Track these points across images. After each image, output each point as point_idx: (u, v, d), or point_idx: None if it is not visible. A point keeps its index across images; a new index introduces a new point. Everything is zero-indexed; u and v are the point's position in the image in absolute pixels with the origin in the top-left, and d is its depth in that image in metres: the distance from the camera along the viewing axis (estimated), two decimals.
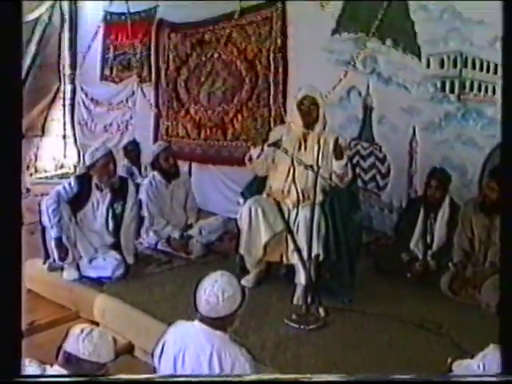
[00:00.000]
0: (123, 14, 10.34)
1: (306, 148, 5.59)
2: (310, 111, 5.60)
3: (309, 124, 5.62)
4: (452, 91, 6.64)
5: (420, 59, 6.84)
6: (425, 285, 5.79)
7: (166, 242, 6.86)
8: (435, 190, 6.03)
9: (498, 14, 5.82)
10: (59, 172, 11.68)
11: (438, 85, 6.73)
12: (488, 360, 3.17)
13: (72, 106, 11.66)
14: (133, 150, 8.72)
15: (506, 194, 3.23)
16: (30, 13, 10.59)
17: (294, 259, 5.42)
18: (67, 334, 3.32)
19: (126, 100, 10.35)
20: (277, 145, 5.40)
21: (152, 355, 3.75)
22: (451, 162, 6.53)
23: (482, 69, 6.40)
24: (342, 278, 5.51)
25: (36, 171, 11.53)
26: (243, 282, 5.49)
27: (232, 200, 7.68)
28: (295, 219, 5.46)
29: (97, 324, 5.37)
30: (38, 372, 3.26)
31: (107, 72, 10.84)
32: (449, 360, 3.55)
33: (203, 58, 9.02)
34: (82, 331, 3.26)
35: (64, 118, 11.80)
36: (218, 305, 3.47)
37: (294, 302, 5.44)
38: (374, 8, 7.13)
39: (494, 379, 3.13)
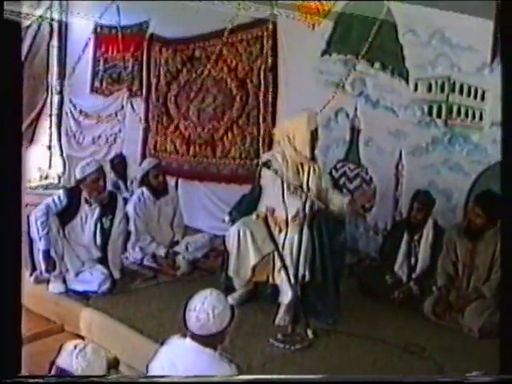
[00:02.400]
0: (114, 27, 10.33)
1: (302, 172, 5.60)
2: (315, 141, 5.65)
3: (313, 153, 5.65)
4: (439, 116, 6.70)
5: (408, 83, 6.89)
6: (409, 308, 5.82)
7: (151, 258, 6.88)
8: (418, 213, 6.09)
9: (486, 41, 5.99)
10: (44, 182, 11.61)
11: (425, 109, 6.79)
12: None
13: (59, 116, 11.62)
14: (119, 164, 8.71)
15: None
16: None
17: (279, 280, 5.47)
18: (60, 349, 3.34)
19: (116, 113, 10.31)
20: (266, 165, 5.44)
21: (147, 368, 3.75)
22: (437, 187, 6.59)
23: (469, 94, 6.47)
24: (327, 298, 5.53)
25: None
26: (229, 299, 5.52)
27: (218, 217, 7.74)
28: (284, 240, 5.47)
29: (82, 338, 5.39)
30: None
31: (97, 84, 10.81)
32: None
33: (193, 75, 9.04)
34: (75, 347, 3.27)
35: (50, 128, 11.75)
36: (209, 322, 3.50)
37: (276, 322, 5.47)
38: (363, 30, 7.18)
39: (494, 379, 3.17)
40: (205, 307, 3.51)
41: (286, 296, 5.41)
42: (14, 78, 3.23)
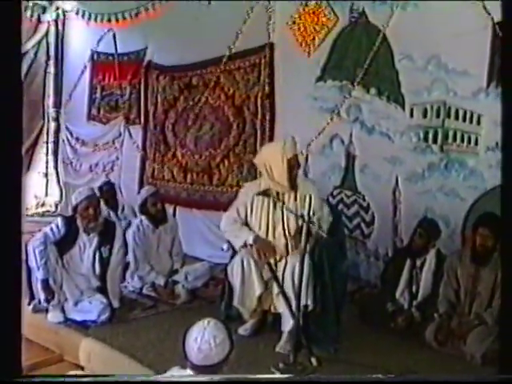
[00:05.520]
0: (111, 54, 10.41)
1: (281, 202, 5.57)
2: (294, 169, 5.58)
3: (292, 182, 5.58)
4: (435, 141, 6.71)
5: (404, 109, 6.91)
6: (410, 335, 5.76)
7: (150, 286, 6.85)
8: (420, 239, 6.06)
9: (482, 65, 6.02)
10: (40, 210, 11.61)
11: (421, 135, 6.79)
12: None
13: (55, 144, 11.69)
14: (108, 191, 8.53)
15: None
16: None
17: (281, 308, 5.45)
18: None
19: (113, 141, 10.35)
20: (265, 194, 5.47)
21: None
22: (434, 213, 6.57)
23: (464, 119, 6.48)
24: (328, 327, 5.47)
25: None
26: (241, 330, 5.60)
27: (216, 245, 7.71)
28: (284, 268, 5.45)
29: (82, 368, 5.37)
30: None
31: (94, 112, 10.88)
32: None
33: (191, 102, 9.11)
34: None
35: (47, 155, 11.81)
36: (211, 352, 3.45)
37: (277, 349, 5.41)
38: (359, 56, 7.24)
39: (494, 379, 3.15)
40: (205, 337, 3.46)
41: (288, 324, 5.37)
42: (14, 103, 3.24)
